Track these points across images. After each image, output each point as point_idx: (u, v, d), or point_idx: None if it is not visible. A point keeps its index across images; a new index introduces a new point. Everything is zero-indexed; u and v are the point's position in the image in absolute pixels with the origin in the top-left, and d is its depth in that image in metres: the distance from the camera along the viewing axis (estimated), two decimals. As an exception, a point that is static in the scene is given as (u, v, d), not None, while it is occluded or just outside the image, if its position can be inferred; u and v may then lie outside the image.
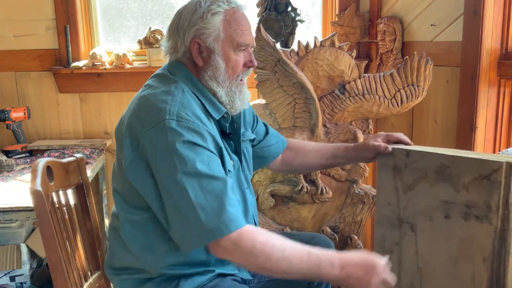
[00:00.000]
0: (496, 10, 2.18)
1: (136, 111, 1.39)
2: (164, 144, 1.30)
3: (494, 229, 1.33)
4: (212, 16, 1.42)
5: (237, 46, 1.45)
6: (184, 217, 1.28)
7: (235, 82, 1.49)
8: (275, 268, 1.28)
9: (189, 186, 1.27)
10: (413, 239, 1.53)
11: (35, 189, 1.42)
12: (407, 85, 2.28)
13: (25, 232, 2.65)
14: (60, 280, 1.46)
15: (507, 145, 2.30)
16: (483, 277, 1.36)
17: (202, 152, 1.32)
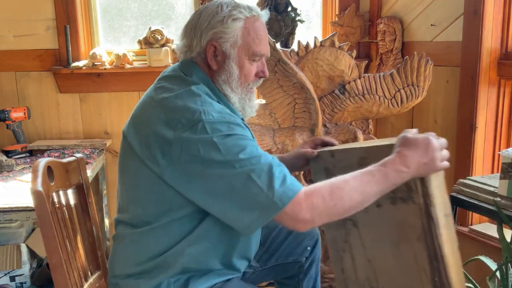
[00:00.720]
0: (496, 10, 2.18)
1: (161, 115, 1.34)
2: (207, 142, 1.27)
3: (419, 207, 1.35)
4: (233, 22, 1.40)
5: (252, 55, 1.44)
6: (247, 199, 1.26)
7: (246, 90, 1.48)
8: (352, 204, 1.28)
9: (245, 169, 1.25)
10: (357, 234, 1.55)
11: (36, 189, 1.42)
12: (407, 85, 2.28)
13: (25, 232, 2.65)
14: (60, 280, 1.46)
15: (507, 145, 2.31)
16: (422, 255, 1.38)
17: (244, 140, 1.30)
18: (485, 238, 2.23)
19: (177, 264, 1.41)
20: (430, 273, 1.39)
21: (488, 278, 1.80)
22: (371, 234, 1.52)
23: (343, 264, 1.61)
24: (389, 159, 1.31)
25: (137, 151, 1.38)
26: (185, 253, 1.40)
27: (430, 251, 1.37)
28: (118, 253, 1.52)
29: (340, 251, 1.60)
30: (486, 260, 1.86)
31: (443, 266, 1.36)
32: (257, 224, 1.28)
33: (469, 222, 2.38)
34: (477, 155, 2.30)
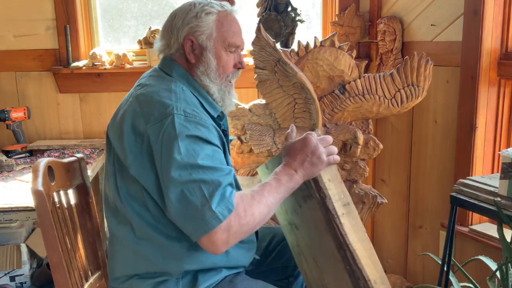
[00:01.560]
0: (496, 10, 2.18)
1: (137, 108, 1.39)
2: (171, 138, 1.31)
3: (317, 201, 1.46)
4: (206, 16, 1.47)
5: (228, 46, 1.50)
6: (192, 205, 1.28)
7: (225, 81, 1.53)
8: (261, 218, 1.35)
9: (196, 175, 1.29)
10: (300, 235, 1.61)
11: (36, 189, 1.42)
12: (407, 85, 2.28)
13: (25, 232, 2.65)
14: (61, 280, 1.46)
15: (507, 145, 2.31)
16: (332, 245, 1.47)
17: (207, 146, 1.34)
18: (485, 238, 2.23)
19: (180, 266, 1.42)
20: (342, 262, 1.46)
21: (488, 278, 1.80)
22: (307, 234, 1.58)
23: (304, 268, 1.64)
24: (278, 168, 1.43)
25: (114, 145, 1.44)
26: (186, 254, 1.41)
27: (336, 241, 1.45)
28: (116, 256, 1.52)
29: (298, 256, 1.64)
30: (486, 260, 1.86)
31: (350, 253, 1.43)
32: (199, 234, 1.29)
33: (469, 222, 2.38)
34: (477, 155, 2.30)
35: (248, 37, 2.99)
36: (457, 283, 1.89)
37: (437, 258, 2.00)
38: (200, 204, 1.27)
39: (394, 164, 2.88)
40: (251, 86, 2.44)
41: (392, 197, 2.86)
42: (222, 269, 1.49)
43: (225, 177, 1.33)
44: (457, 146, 2.38)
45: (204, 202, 1.27)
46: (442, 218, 2.50)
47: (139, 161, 1.36)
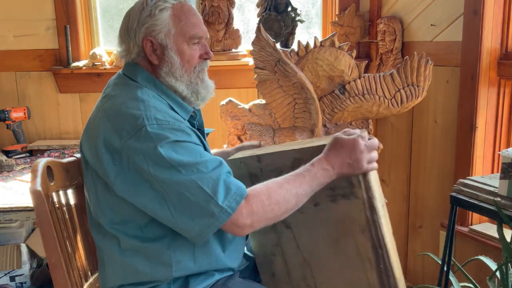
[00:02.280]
0: (496, 10, 2.18)
1: (107, 124, 1.34)
2: (151, 149, 1.27)
3: (362, 201, 1.41)
4: (160, 12, 1.41)
5: (189, 39, 1.44)
6: (197, 204, 1.27)
7: (193, 74, 1.47)
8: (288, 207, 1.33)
9: (191, 176, 1.27)
10: (291, 235, 1.56)
11: (35, 189, 1.42)
12: (407, 85, 2.28)
13: (25, 232, 2.65)
14: (60, 280, 1.46)
15: (507, 145, 2.31)
16: (366, 246, 1.45)
17: (190, 145, 1.31)
18: (485, 238, 2.23)
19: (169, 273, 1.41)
20: (375, 261, 1.45)
21: (488, 278, 1.80)
22: (307, 233, 1.54)
23: (274, 269, 1.60)
24: (316, 159, 1.37)
25: (91, 163, 1.39)
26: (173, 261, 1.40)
27: (374, 241, 1.44)
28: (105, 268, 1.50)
29: (269, 256, 1.60)
30: (486, 260, 1.86)
31: (386, 253, 1.44)
32: (208, 233, 1.29)
33: (469, 222, 2.38)
34: (477, 155, 2.30)
35: (248, 37, 3.01)
36: (457, 283, 1.89)
37: (437, 258, 2.00)
38: (205, 202, 1.26)
39: (394, 164, 2.88)
40: (251, 86, 2.44)
41: (392, 197, 2.86)
42: (214, 273, 1.46)
43: (220, 167, 1.31)
44: (457, 146, 2.38)
45: (208, 199, 1.26)
46: (442, 218, 2.50)
47: (122, 178, 1.32)
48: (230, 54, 2.92)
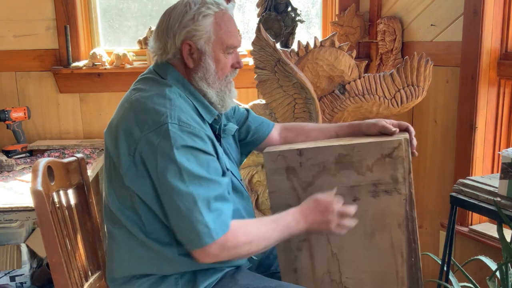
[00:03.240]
0: (496, 10, 2.18)
1: (131, 115, 1.39)
2: (166, 148, 1.31)
3: (404, 197, 1.52)
4: (204, 18, 1.43)
5: (226, 48, 1.47)
6: (187, 218, 1.31)
7: (224, 82, 1.51)
8: (256, 248, 1.39)
9: (191, 188, 1.30)
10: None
11: (35, 189, 1.42)
12: (407, 85, 2.28)
13: (25, 232, 2.65)
14: (60, 280, 1.46)
15: (507, 145, 2.31)
16: (401, 240, 1.55)
17: (202, 156, 1.35)
18: (485, 238, 2.23)
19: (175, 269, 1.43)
20: (407, 254, 1.55)
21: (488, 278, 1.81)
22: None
23: (297, 264, 1.62)
24: (293, 210, 1.45)
25: (109, 150, 1.43)
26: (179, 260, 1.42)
27: (410, 235, 1.54)
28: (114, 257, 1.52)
29: (295, 251, 1.62)
30: (486, 260, 1.86)
31: (417, 247, 1.55)
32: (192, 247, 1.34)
33: (469, 222, 2.38)
34: (477, 155, 2.30)
35: (248, 37, 3.01)
36: (457, 283, 1.89)
37: (437, 258, 2.00)
38: (194, 219, 1.30)
39: (394, 164, 2.88)
40: (251, 86, 2.44)
41: (392, 197, 2.85)
42: (223, 267, 1.49)
43: (220, 188, 1.36)
44: (457, 146, 2.38)
45: (198, 218, 1.30)
46: (442, 218, 2.50)
47: (133, 169, 1.36)
48: (230, 54, 2.91)
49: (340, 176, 1.54)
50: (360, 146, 1.52)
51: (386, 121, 1.63)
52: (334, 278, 1.61)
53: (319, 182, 1.55)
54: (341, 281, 1.61)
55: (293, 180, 1.56)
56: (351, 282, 1.62)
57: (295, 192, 1.57)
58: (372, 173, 1.53)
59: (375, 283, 1.61)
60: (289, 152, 1.56)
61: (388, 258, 1.57)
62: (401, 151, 1.51)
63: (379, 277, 1.60)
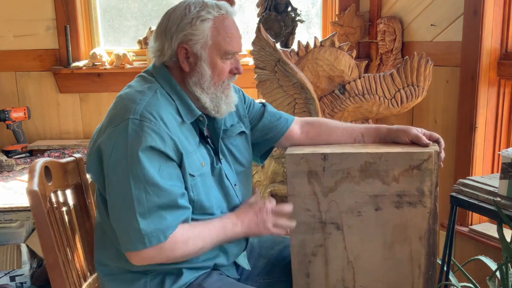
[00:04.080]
0: (496, 10, 2.18)
1: (110, 109, 1.42)
2: (121, 145, 1.31)
3: (429, 210, 1.49)
4: (201, 23, 1.40)
5: (224, 54, 1.43)
6: (122, 220, 1.32)
7: (220, 88, 1.47)
8: (193, 250, 1.38)
9: (135, 190, 1.30)
10: (340, 237, 1.56)
11: (31, 189, 1.42)
12: (407, 85, 2.27)
13: (25, 232, 2.65)
14: (57, 280, 1.46)
15: (507, 145, 2.30)
16: (420, 253, 1.52)
17: (157, 158, 1.32)
18: (485, 238, 2.23)
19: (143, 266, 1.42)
20: (425, 267, 1.53)
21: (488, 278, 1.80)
22: (358, 236, 1.54)
23: (310, 269, 1.59)
24: (230, 214, 1.48)
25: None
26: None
27: (430, 248, 1.51)
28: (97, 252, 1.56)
29: (309, 256, 1.58)
30: (486, 260, 1.86)
31: (435, 260, 1.54)
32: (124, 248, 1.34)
33: (469, 222, 2.38)
34: (477, 155, 2.30)
35: (248, 37, 3.01)
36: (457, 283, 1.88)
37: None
38: (129, 223, 1.30)
39: (395, 164, 2.87)
40: (251, 86, 2.43)
41: (393, 197, 2.85)
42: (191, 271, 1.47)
43: (168, 196, 1.32)
44: (457, 146, 2.38)
45: (133, 223, 1.29)
46: (442, 218, 2.50)
47: (92, 160, 1.39)
48: (230, 54, 2.91)
49: (364, 184, 1.50)
50: (388, 155, 1.48)
51: (418, 130, 1.57)
52: (347, 286, 1.58)
53: (341, 189, 1.51)
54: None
55: (314, 184, 1.52)
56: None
57: (315, 196, 1.53)
58: (398, 184, 1.48)
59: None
60: (312, 156, 1.51)
61: (406, 269, 1.55)
62: (430, 163, 1.46)
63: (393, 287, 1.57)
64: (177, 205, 1.34)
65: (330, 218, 1.55)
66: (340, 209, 1.54)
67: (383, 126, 1.67)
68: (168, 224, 1.32)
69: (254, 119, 1.71)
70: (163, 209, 1.31)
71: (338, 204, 1.53)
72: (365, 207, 1.50)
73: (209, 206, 1.46)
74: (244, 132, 1.65)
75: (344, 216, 1.54)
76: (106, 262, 1.50)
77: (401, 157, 1.47)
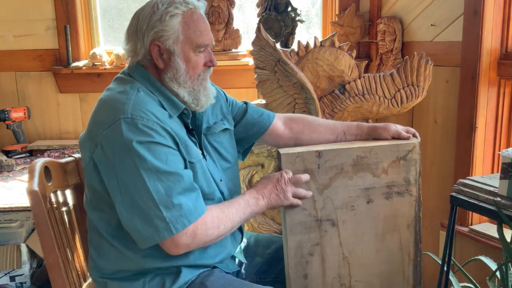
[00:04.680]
0: (496, 10, 2.18)
1: (93, 114, 1.42)
2: (121, 144, 1.31)
3: (415, 198, 1.61)
4: (171, 18, 1.42)
5: (196, 47, 1.45)
6: (144, 213, 1.31)
7: (197, 81, 1.49)
8: (224, 231, 1.42)
9: (149, 183, 1.30)
10: (335, 233, 1.59)
11: (32, 189, 1.42)
12: (407, 85, 2.27)
13: (25, 232, 2.65)
14: (57, 280, 1.46)
15: (507, 145, 2.30)
16: (409, 241, 1.63)
17: (158, 149, 1.34)
18: (485, 238, 2.23)
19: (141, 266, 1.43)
20: (414, 254, 1.63)
21: (488, 278, 1.80)
22: (353, 230, 1.59)
23: (308, 270, 1.60)
24: (250, 190, 1.51)
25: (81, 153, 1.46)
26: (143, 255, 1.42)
27: (416, 235, 1.63)
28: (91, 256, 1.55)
29: (306, 256, 1.59)
30: (486, 260, 1.86)
31: (421, 245, 1.64)
32: (149, 242, 1.33)
33: (469, 222, 2.38)
34: (477, 155, 2.30)
35: (248, 37, 3.01)
36: (457, 283, 1.88)
37: (437, 258, 2.00)
38: (153, 214, 1.30)
39: (395, 164, 2.87)
40: (251, 86, 2.44)
41: (392, 197, 2.85)
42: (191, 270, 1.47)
43: (182, 181, 1.34)
44: (457, 146, 2.38)
45: (157, 213, 1.30)
46: (442, 218, 2.50)
47: (92, 166, 1.38)
48: (230, 54, 2.92)
49: (356, 178, 1.56)
50: (377, 148, 1.56)
51: (397, 126, 1.65)
52: (344, 282, 1.61)
53: (335, 184, 1.55)
54: (351, 285, 1.62)
55: (310, 182, 1.54)
56: (360, 285, 1.62)
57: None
58: (387, 175, 1.57)
59: (383, 284, 1.63)
60: (308, 154, 1.54)
61: (397, 259, 1.63)
62: (415, 154, 1.58)
63: (387, 278, 1.63)
64: (191, 187, 1.37)
65: (325, 215, 1.57)
66: (335, 205, 1.57)
67: (364, 124, 1.74)
68: (189, 208, 1.33)
69: (237, 115, 1.74)
70: (181, 194, 1.33)
71: (333, 200, 1.57)
72: (358, 201, 1.57)
73: (209, 192, 1.49)
74: (228, 129, 1.68)
75: (338, 212, 1.57)
76: (103, 265, 1.49)
77: (389, 150, 1.57)
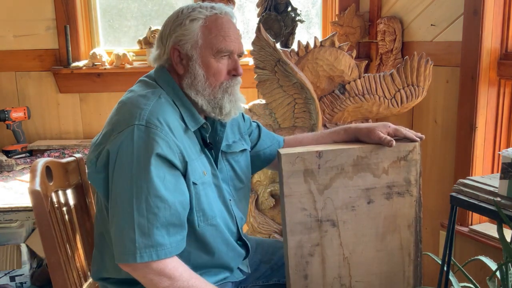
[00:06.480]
0: (496, 10, 2.18)
1: (112, 115, 1.39)
2: (127, 152, 1.28)
3: (415, 198, 1.61)
4: (191, 23, 1.39)
5: (217, 52, 1.40)
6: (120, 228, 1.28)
7: (220, 90, 1.42)
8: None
9: (136, 200, 1.26)
10: (335, 233, 1.58)
11: (33, 189, 1.42)
12: (407, 85, 2.28)
13: (25, 232, 2.65)
14: (59, 280, 1.46)
15: (507, 145, 2.30)
16: (409, 241, 1.63)
17: (163, 167, 1.29)
18: (485, 238, 2.23)
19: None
20: (414, 255, 1.64)
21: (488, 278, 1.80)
22: (353, 231, 1.59)
23: (308, 270, 1.60)
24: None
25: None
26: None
27: (417, 235, 1.63)
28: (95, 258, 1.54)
29: (306, 257, 1.58)
30: (486, 260, 1.86)
31: (421, 245, 1.65)
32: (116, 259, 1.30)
33: (469, 222, 2.38)
34: (477, 155, 2.30)
35: (248, 37, 3.01)
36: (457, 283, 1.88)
37: (437, 258, 2.00)
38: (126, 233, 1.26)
39: (394, 164, 2.87)
40: (251, 86, 2.43)
41: (392, 197, 2.85)
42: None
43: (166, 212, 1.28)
44: (457, 146, 2.38)
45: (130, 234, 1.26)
46: (442, 218, 2.50)
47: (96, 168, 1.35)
48: (230, 54, 2.91)
49: (356, 178, 1.56)
50: (378, 148, 1.56)
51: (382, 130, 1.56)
52: (344, 283, 1.61)
53: (336, 185, 1.55)
54: (351, 285, 1.61)
55: (310, 183, 1.53)
56: (361, 285, 1.62)
57: (311, 195, 1.54)
58: (388, 175, 1.57)
59: (383, 285, 1.63)
60: (308, 154, 1.52)
61: (397, 259, 1.63)
62: (415, 154, 1.58)
63: (387, 278, 1.63)
64: (175, 222, 1.31)
65: (326, 216, 1.57)
66: (335, 205, 1.57)
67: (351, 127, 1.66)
68: (163, 243, 1.28)
69: (253, 138, 1.71)
70: (162, 224, 1.28)
71: (333, 201, 1.56)
72: (358, 201, 1.56)
73: (212, 216, 1.43)
74: (246, 149, 1.64)
75: (339, 212, 1.57)
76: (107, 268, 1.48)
77: (389, 150, 1.55)
